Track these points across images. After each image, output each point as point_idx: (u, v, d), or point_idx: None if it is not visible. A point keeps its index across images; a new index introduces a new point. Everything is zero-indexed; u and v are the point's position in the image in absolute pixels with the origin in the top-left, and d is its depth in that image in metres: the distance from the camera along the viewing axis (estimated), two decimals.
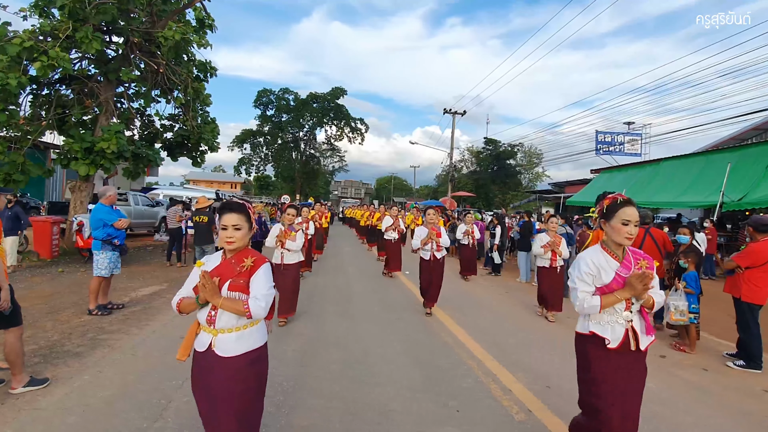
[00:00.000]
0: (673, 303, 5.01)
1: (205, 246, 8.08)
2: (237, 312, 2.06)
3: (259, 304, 2.06)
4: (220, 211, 2.14)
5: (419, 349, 4.77)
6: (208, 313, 2.11)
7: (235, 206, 2.15)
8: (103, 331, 4.96)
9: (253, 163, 44.07)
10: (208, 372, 2.11)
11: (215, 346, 2.10)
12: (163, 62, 11.05)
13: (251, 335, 2.18)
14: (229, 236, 2.09)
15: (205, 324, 2.13)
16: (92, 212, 5.60)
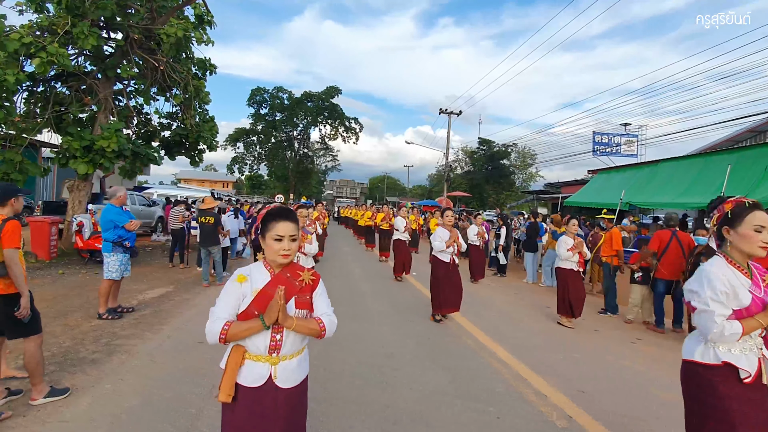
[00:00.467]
0: None
1: (211, 247, 7.92)
2: (310, 332, 1.80)
3: (333, 321, 1.89)
4: (272, 219, 1.79)
5: (440, 351, 4.70)
6: (270, 338, 1.75)
7: (291, 214, 1.83)
8: (117, 336, 4.81)
9: (246, 162, 43.71)
10: (271, 411, 1.74)
11: (277, 378, 1.75)
12: (163, 59, 10.84)
13: (306, 357, 1.96)
14: (285, 249, 1.76)
15: (264, 352, 1.75)
16: (102, 213, 5.43)
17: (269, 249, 1.79)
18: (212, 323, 1.72)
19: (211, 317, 1.73)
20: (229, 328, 1.69)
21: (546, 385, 3.85)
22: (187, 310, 6.05)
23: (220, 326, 1.69)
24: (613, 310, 6.96)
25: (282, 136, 43.75)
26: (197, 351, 4.40)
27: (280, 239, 1.76)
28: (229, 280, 1.80)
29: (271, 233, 1.78)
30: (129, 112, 11.44)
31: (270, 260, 1.83)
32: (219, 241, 8.06)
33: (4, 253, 3.07)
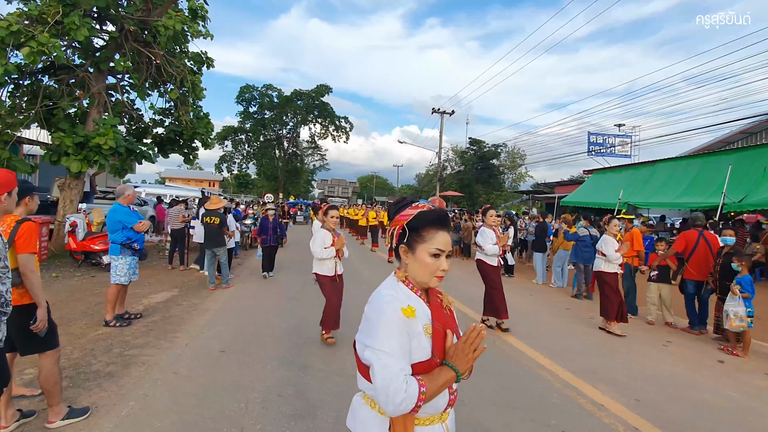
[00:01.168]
0: (732, 309, 4.89)
1: (216, 249, 7.56)
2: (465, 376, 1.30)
3: None
4: (430, 226, 1.32)
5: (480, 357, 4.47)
6: (449, 392, 1.31)
7: (448, 221, 1.38)
8: (129, 345, 4.46)
9: (235, 160, 42.94)
10: None
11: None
12: (160, 52, 10.39)
13: None
14: (445, 269, 1.33)
15: (440, 410, 1.31)
16: (110, 213, 5.06)
17: (421, 266, 1.32)
18: (398, 381, 1.13)
19: (386, 372, 1.14)
20: (426, 390, 1.16)
21: (599, 393, 3.67)
22: (198, 315, 5.71)
23: (416, 386, 1.15)
24: (633, 311, 6.85)
25: (271, 134, 43.13)
26: (222, 361, 4.09)
27: (439, 254, 1.32)
28: (388, 313, 1.22)
29: (426, 245, 1.31)
30: (123, 108, 10.92)
31: (418, 280, 1.34)
32: (224, 242, 7.70)
33: (19, 259, 2.74)
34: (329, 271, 4.70)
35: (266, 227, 8.80)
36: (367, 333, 1.25)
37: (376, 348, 1.18)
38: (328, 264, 4.70)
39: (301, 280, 8.55)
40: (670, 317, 6.40)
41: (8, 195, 2.36)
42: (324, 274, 4.71)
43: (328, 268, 4.70)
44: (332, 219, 4.76)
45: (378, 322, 1.22)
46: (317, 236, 4.70)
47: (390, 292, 1.31)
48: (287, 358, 4.25)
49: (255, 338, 4.83)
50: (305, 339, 4.87)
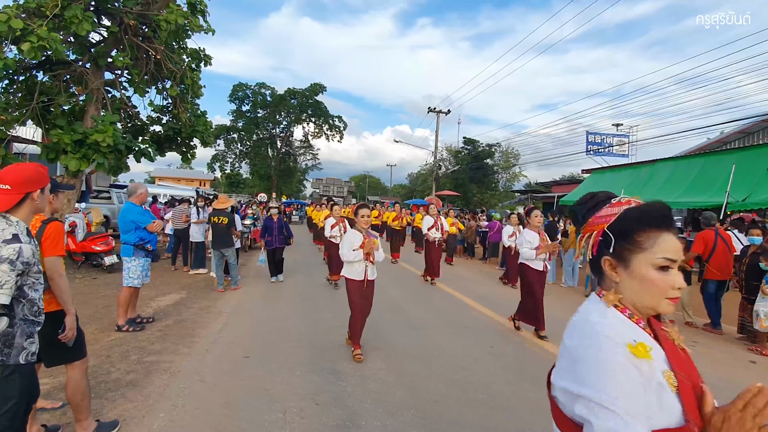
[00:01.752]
0: (763, 310, 4.84)
1: (224, 249, 7.34)
2: None
3: None
4: (652, 227, 0.98)
5: (517, 362, 4.35)
6: None
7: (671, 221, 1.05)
8: (146, 351, 4.25)
9: (227, 159, 42.42)
10: None
11: None
12: (160, 48, 10.11)
13: None
14: (679, 286, 0.96)
15: None
16: (122, 213, 4.83)
17: (644, 285, 0.96)
18: None
19: None
20: None
21: None
22: (212, 319, 5.50)
23: None
24: None
25: (264, 133, 42.68)
26: (247, 367, 3.91)
27: (669, 267, 0.95)
28: (608, 351, 0.88)
29: (647, 255, 0.96)
30: (122, 104, 10.61)
31: (640, 306, 0.99)
32: (233, 243, 7.48)
33: (46, 263, 2.53)
34: (358, 275, 4.25)
35: (271, 228, 8.31)
36: (578, 377, 0.88)
37: (596, 402, 0.83)
38: (357, 267, 4.25)
39: (310, 282, 8.38)
40: (689, 317, 6.35)
41: (41, 192, 2.16)
42: (352, 277, 4.25)
43: (357, 271, 4.25)
44: (363, 219, 4.28)
45: (595, 364, 0.86)
46: (346, 237, 4.33)
47: (604, 320, 0.96)
48: (315, 362, 4.08)
49: (277, 342, 4.64)
50: (329, 342, 4.70)
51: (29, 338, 2.02)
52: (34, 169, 2.15)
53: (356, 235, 4.27)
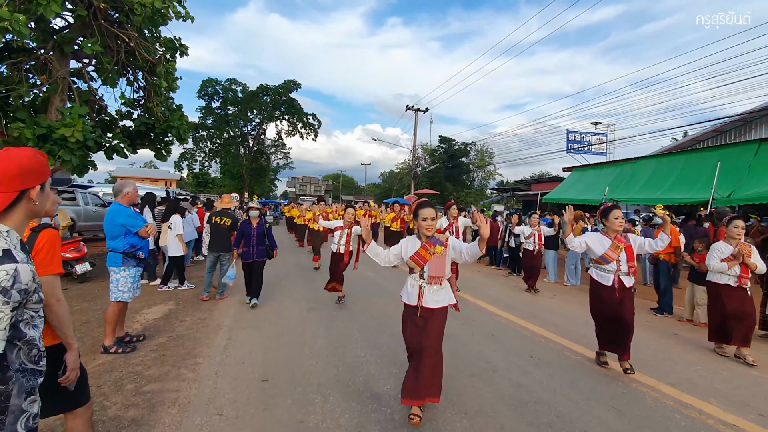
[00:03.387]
0: None
1: (222, 254, 6.66)
2: None
3: None
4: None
5: (579, 375, 3.99)
6: None
7: None
8: (144, 378, 3.62)
9: (196, 158, 40.67)
10: None
11: None
12: (134, 34, 9.25)
13: None
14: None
15: None
16: (108, 215, 4.16)
17: None
18: None
19: None
20: None
21: (718, 410, 3.28)
22: (212, 334, 4.88)
23: None
24: (670, 309, 6.67)
25: (235, 131, 41.18)
26: (270, 394, 3.36)
27: None
28: None
29: None
30: (91, 96, 9.66)
31: None
32: (231, 247, 6.77)
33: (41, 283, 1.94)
34: (410, 298, 3.12)
35: (248, 235, 6.19)
36: None
37: None
38: (410, 285, 3.15)
39: (312, 287, 7.80)
40: (705, 318, 6.24)
41: (41, 190, 1.57)
42: (403, 300, 3.19)
43: (409, 292, 3.15)
44: (426, 223, 3.04)
45: None
46: (400, 246, 3.19)
47: None
48: (346, 384, 3.58)
49: (294, 360, 4.10)
50: (354, 358, 4.20)
51: (29, 396, 1.45)
52: (31, 156, 1.53)
53: (414, 242, 3.13)
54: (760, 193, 10.67)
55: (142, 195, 7.63)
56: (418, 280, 3.10)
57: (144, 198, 7.73)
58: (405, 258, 3.13)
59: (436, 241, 3.06)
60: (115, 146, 9.77)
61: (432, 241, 3.06)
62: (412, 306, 3.08)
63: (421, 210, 3.08)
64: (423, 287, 3.06)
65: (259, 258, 6.23)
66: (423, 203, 3.13)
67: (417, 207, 3.14)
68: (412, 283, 3.14)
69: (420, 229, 3.09)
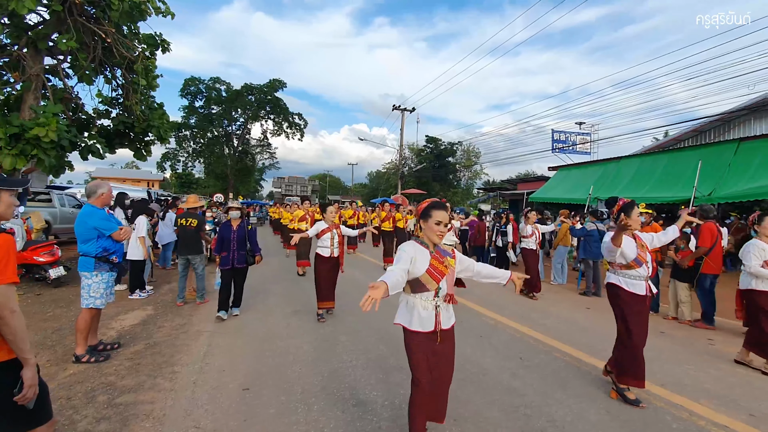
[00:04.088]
0: None
1: (192, 256, 6.39)
2: None
3: None
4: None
5: (568, 378, 3.92)
6: None
7: None
8: (118, 389, 3.43)
9: (179, 158, 39.94)
10: None
11: None
12: (111, 30, 8.95)
13: None
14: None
15: None
16: (80, 218, 3.95)
17: None
18: None
19: None
20: None
21: (709, 410, 3.24)
22: (192, 340, 4.69)
23: None
24: (656, 308, 6.69)
25: (219, 131, 40.58)
26: (252, 403, 3.21)
27: None
28: None
29: None
30: (66, 94, 9.33)
31: None
32: (202, 249, 6.59)
33: None
34: (424, 323, 2.44)
35: (228, 239, 5.58)
36: None
37: None
38: (422, 310, 2.45)
39: (298, 290, 7.63)
40: (689, 315, 6.27)
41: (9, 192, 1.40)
42: (414, 329, 2.45)
43: (422, 317, 2.45)
44: (438, 228, 2.44)
45: None
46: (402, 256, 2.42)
47: None
48: (331, 391, 3.45)
49: (277, 367, 3.95)
50: (341, 363, 4.06)
51: None
52: None
53: (422, 252, 2.46)
54: (740, 192, 10.86)
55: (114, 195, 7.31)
56: (431, 300, 2.46)
57: (115, 199, 7.46)
58: (418, 273, 2.41)
59: (444, 252, 2.55)
60: (90, 146, 9.44)
61: (441, 252, 2.53)
62: (428, 333, 2.44)
63: (435, 211, 2.48)
64: (439, 308, 2.47)
65: (240, 264, 5.61)
66: (436, 203, 2.55)
67: (428, 207, 2.54)
68: (422, 304, 2.45)
69: (429, 234, 2.49)
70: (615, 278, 3.55)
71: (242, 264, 5.66)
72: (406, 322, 2.50)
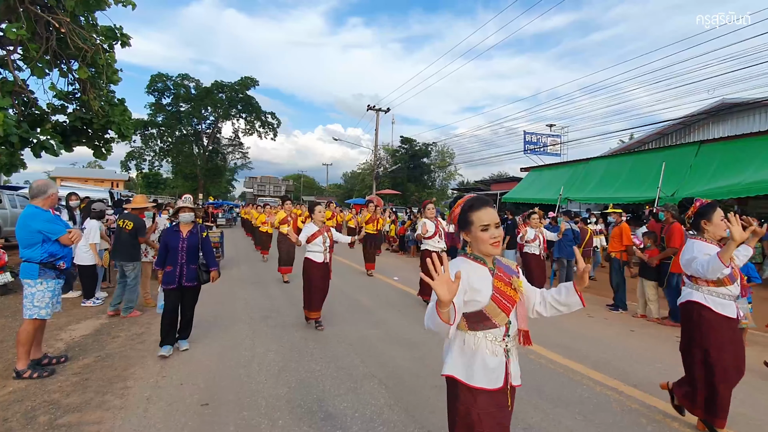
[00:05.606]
0: None
1: (124, 263, 5.68)
2: None
3: None
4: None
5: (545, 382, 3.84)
6: None
7: None
8: (61, 408, 3.13)
9: (145, 157, 38.49)
10: None
11: None
12: (65, 19, 8.42)
13: None
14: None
15: None
16: (23, 221, 3.60)
17: None
18: None
19: None
20: None
21: None
22: (148, 351, 4.37)
23: None
24: (624, 306, 6.78)
25: (188, 129, 39.36)
26: (210, 420, 2.98)
27: None
28: None
29: None
30: (16, 87, 8.71)
31: None
32: (138, 256, 5.89)
33: None
34: (491, 377, 1.67)
35: (174, 248, 4.27)
36: None
37: None
38: (488, 353, 1.68)
39: (266, 294, 7.35)
40: (657, 313, 6.39)
41: None
42: (475, 385, 1.66)
43: (486, 366, 1.67)
44: (487, 233, 1.70)
45: None
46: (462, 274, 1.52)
47: None
48: (297, 403, 3.24)
49: (242, 379, 3.71)
50: (308, 372, 3.86)
51: None
52: None
53: (478, 271, 1.72)
54: (701, 192, 11.27)
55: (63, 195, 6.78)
56: (500, 340, 1.69)
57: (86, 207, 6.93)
58: (480, 303, 1.66)
59: (508, 268, 1.79)
60: (44, 142, 8.86)
61: (504, 268, 1.76)
62: (496, 391, 1.66)
63: (475, 214, 1.71)
64: (510, 353, 1.72)
65: (190, 282, 4.28)
66: (475, 201, 1.75)
67: (465, 211, 1.76)
68: (490, 347, 1.66)
69: (478, 244, 1.72)
70: (699, 296, 2.91)
71: (192, 282, 4.32)
72: (463, 374, 1.66)
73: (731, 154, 11.59)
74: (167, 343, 4.27)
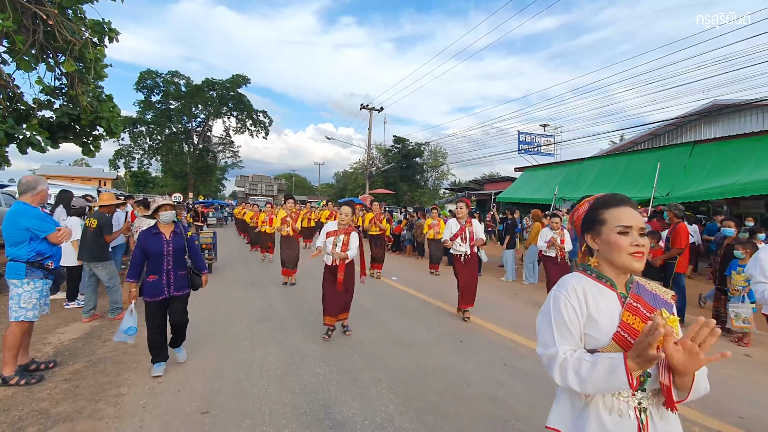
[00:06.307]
0: (734, 310, 4.80)
1: (93, 264, 5.39)
2: None
3: None
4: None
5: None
6: None
7: None
8: (51, 418, 2.94)
9: (134, 156, 37.87)
10: None
11: None
12: (53, 11, 8.14)
13: None
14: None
15: None
16: (9, 217, 3.40)
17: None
18: None
19: None
20: None
21: (700, 414, 3.13)
22: (143, 355, 4.17)
23: None
24: None
25: (178, 127, 38.80)
26: (210, 429, 2.81)
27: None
28: None
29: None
30: (2, 81, 8.41)
31: None
32: (106, 256, 5.57)
33: None
34: None
35: (157, 254, 3.63)
36: None
37: None
38: (604, 411, 1.25)
39: (263, 294, 7.17)
40: None
41: None
42: None
43: (605, 427, 1.23)
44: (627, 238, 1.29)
45: None
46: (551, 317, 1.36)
47: None
48: (303, 410, 3.10)
49: (241, 383, 3.55)
50: (312, 376, 3.71)
51: None
52: None
53: (600, 296, 1.31)
54: (695, 192, 11.33)
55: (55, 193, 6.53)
56: (627, 395, 1.24)
57: (59, 197, 6.67)
58: (602, 338, 1.27)
59: (654, 298, 1.32)
60: (30, 138, 8.55)
61: (646, 297, 1.31)
62: None
63: (616, 209, 1.33)
64: (646, 412, 1.24)
65: (179, 291, 3.74)
66: (614, 197, 1.38)
67: (600, 203, 1.38)
68: (609, 402, 1.25)
69: (611, 254, 1.32)
70: None
71: (183, 291, 3.79)
72: None
73: (725, 154, 11.67)
74: (160, 359, 3.74)
